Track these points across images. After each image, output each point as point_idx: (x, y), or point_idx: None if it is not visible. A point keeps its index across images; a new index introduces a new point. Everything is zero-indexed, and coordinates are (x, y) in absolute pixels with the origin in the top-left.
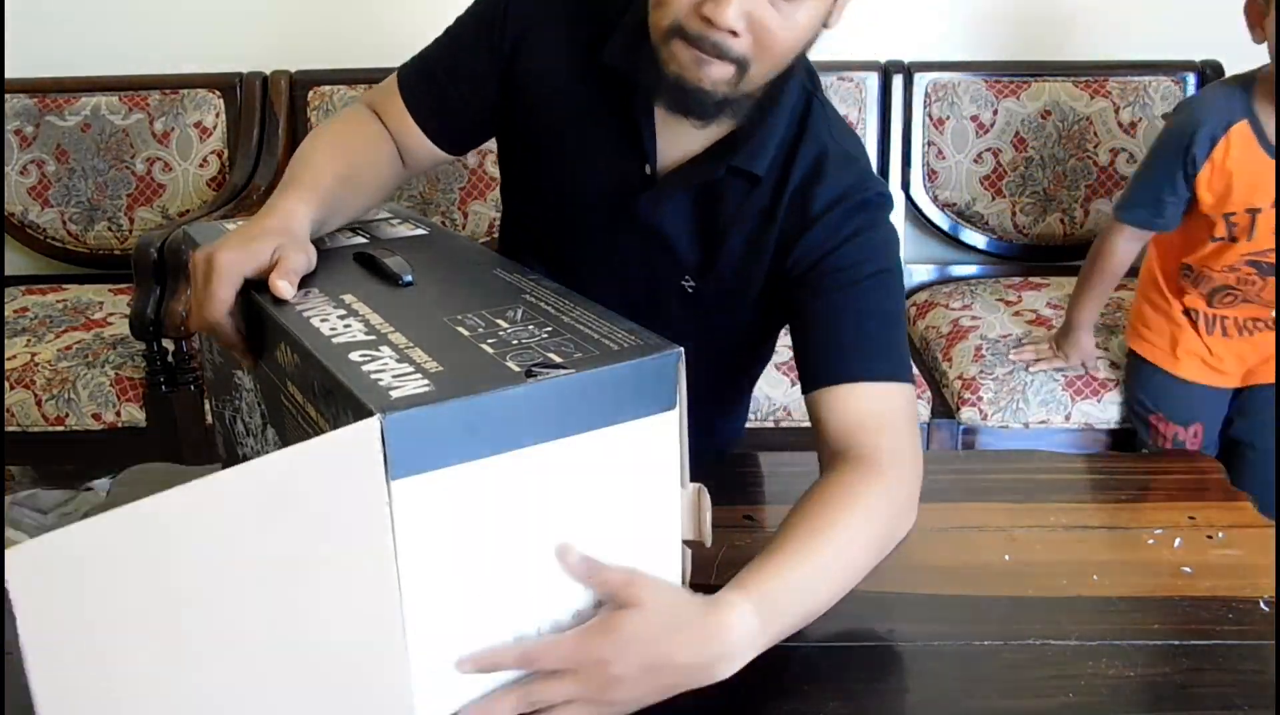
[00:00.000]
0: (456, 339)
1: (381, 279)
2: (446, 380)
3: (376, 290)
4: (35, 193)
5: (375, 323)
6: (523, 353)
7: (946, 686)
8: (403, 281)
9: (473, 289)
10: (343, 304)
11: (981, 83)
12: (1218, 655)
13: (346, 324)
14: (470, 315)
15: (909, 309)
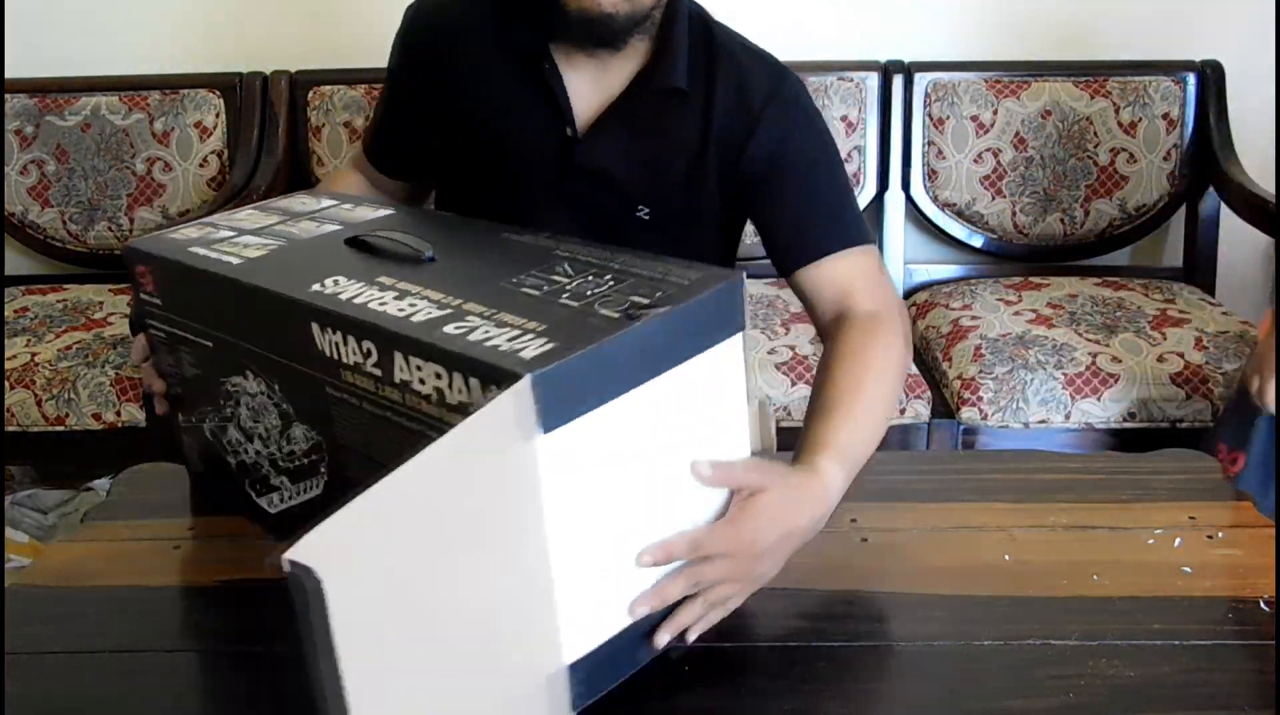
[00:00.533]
0: (533, 300)
1: (399, 260)
2: (560, 335)
3: (408, 270)
4: (35, 193)
5: (439, 297)
6: (606, 301)
7: (946, 686)
8: (426, 257)
9: (503, 255)
10: (384, 286)
11: (981, 83)
12: (1218, 655)
13: (411, 303)
14: (525, 276)
15: (909, 309)
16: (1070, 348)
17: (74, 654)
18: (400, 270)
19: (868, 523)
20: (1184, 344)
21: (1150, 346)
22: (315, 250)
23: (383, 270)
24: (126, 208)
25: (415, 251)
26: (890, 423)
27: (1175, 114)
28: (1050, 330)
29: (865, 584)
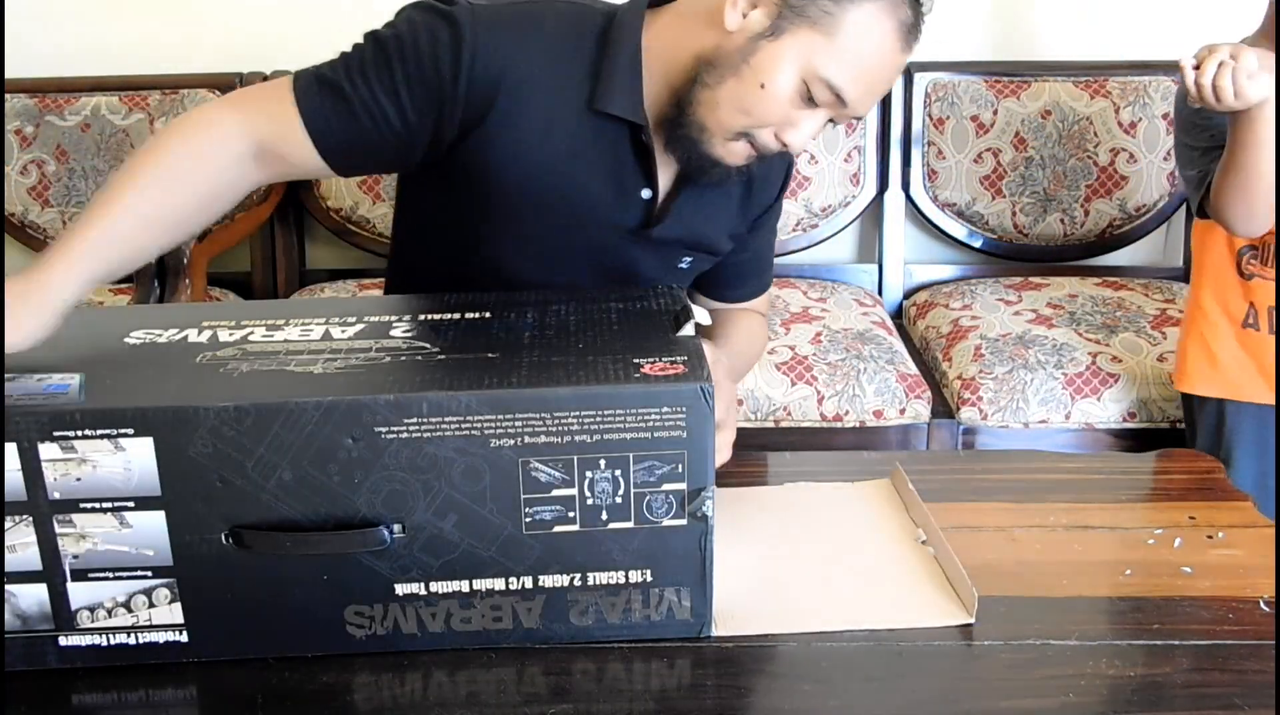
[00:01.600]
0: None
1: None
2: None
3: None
4: (35, 193)
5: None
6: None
7: (946, 686)
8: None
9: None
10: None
11: (981, 83)
12: (1218, 655)
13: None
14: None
15: (909, 309)
16: (1070, 348)
17: None
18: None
19: None
20: None
21: (1150, 346)
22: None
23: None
24: None
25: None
26: (888, 423)
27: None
28: (1050, 330)
29: None
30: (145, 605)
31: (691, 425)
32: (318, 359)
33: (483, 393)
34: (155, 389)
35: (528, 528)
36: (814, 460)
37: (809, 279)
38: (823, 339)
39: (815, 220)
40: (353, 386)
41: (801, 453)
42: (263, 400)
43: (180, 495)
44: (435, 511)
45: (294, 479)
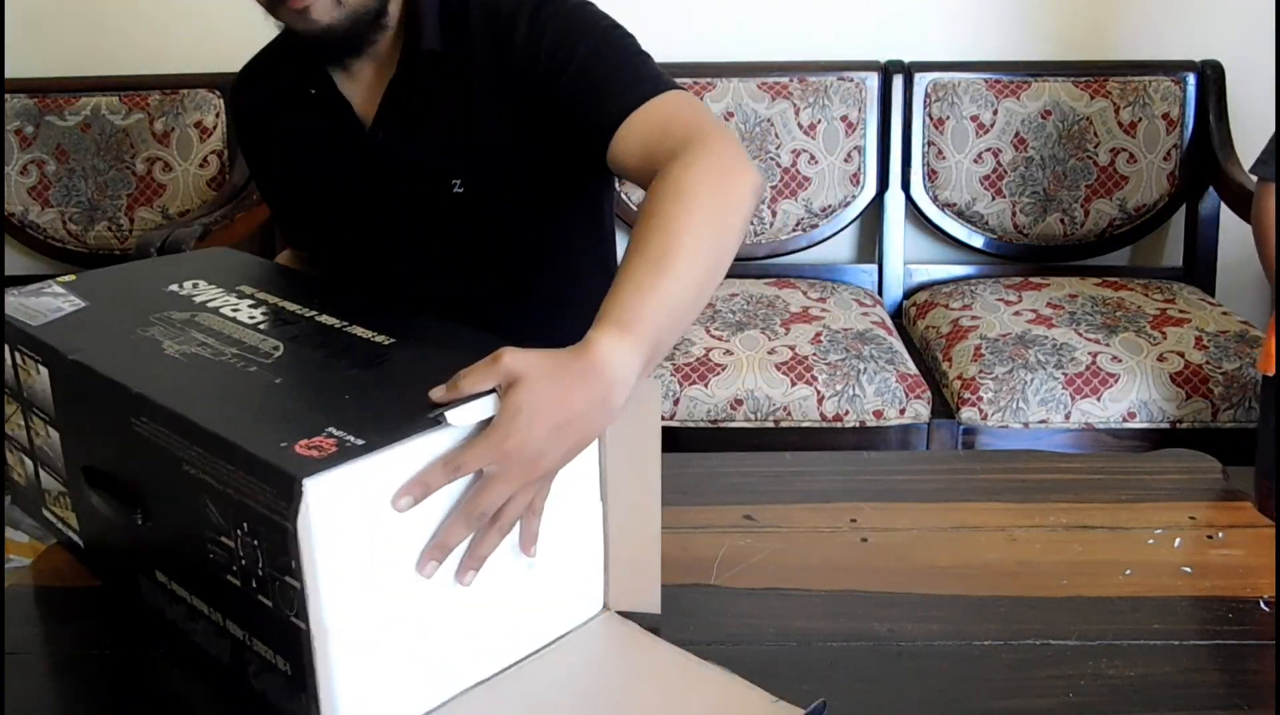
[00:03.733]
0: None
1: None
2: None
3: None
4: (35, 193)
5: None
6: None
7: (946, 686)
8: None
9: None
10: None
11: (981, 83)
12: (1218, 655)
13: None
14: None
15: (909, 309)
16: (1070, 348)
17: (74, 654)
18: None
19: (868, 523)
20: (1184, 344)
21: (1150, 346)
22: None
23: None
24: (126, 208)
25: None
26: (888, 423)
27: (1175, 114)
28: (1050, 330)
29: (865, 584)
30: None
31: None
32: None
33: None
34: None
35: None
36: (814, 460)
37: (809, 279)
38: (823, 339)
39: (815, 220)
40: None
41: (801, 453)
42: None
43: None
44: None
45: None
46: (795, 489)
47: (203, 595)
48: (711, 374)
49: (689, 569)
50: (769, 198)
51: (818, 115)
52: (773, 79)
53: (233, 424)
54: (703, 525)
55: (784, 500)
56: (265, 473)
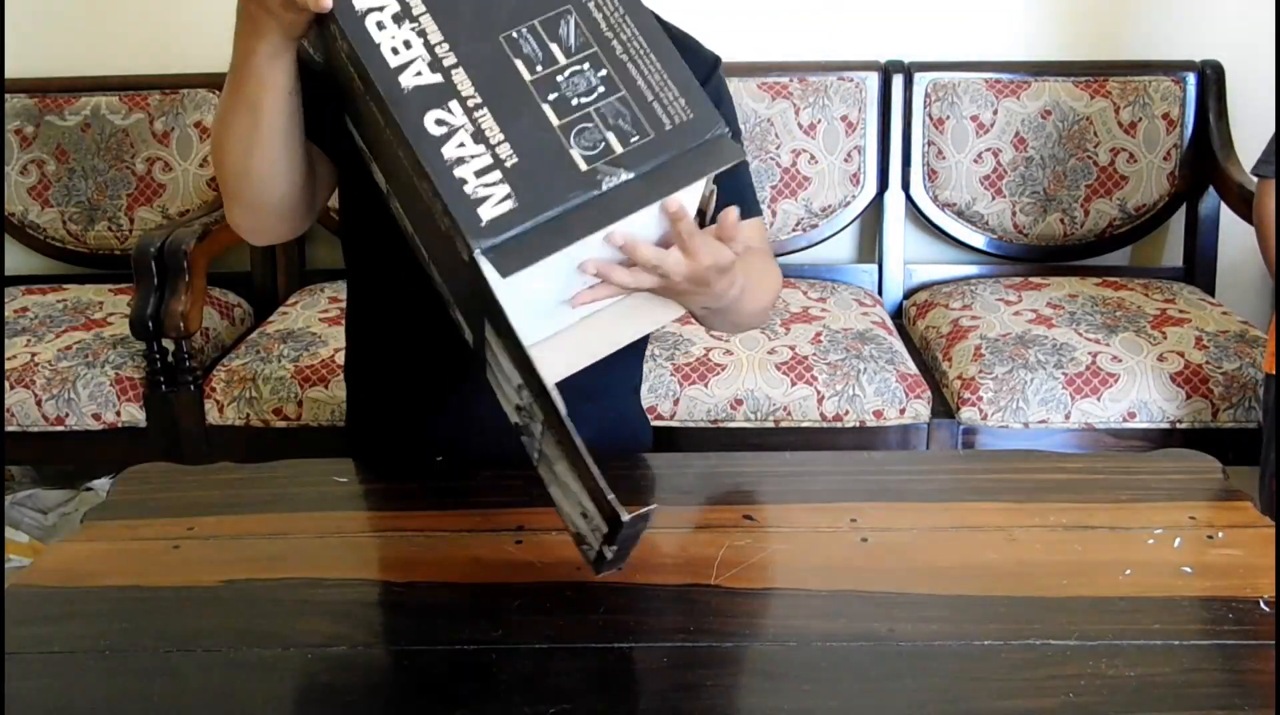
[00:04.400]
0: (520, 92)
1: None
2: (525, 188)
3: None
4: (35, 193)
5: (435, 44)
6: (584, 129)
7: (946, 686)
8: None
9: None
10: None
11: (981, 83)
12: (1218, 655)
13: (408, 44)
14: (525, 34)
15: (909, 309)
16: (1070, 348)
17: (74, 654)
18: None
19: (868, 523)
20: (1184, 344)
21: (1150, 346)
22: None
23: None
24: (126, 208)
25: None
26: (888, 423)
27: (1175, 114)
28: (1050, 330)
29: (865, 584)
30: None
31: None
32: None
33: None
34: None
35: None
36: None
37: (809, 279)
38: (823, 339)
39: (815, 220)
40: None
41: (801, 453)
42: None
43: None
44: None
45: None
46: (795, 489)
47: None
48: (711, 374)
49: (689, 569)
50: (769, 198)
51: (818, 115)
52: (773, 79)
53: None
54: (703, 525)
55: (784, 500)
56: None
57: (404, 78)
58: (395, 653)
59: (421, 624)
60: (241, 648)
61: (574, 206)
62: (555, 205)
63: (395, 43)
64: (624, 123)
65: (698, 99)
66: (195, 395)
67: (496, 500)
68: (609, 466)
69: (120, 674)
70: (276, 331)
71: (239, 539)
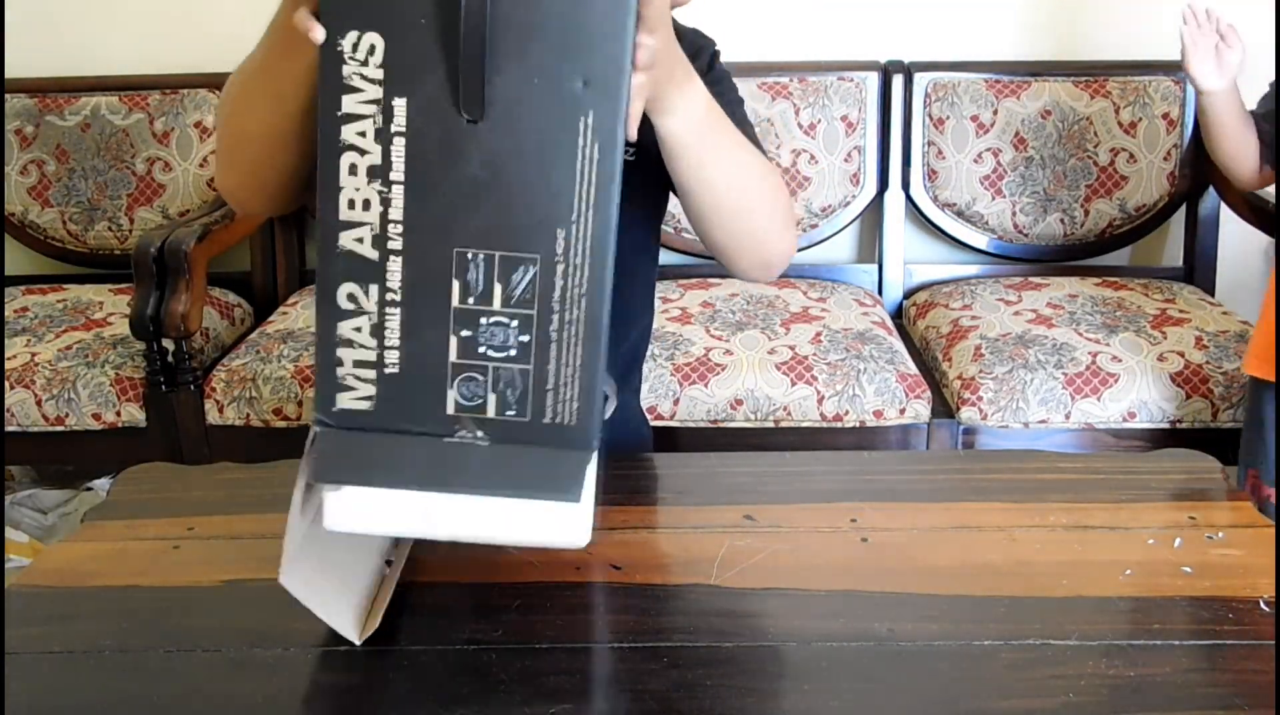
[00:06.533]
0: (439, 312)
1: (454, 87)
2: (387, 398)
3: (437, 116)
4: (35, 193)
5: (391, 220)
6: (472, 378)
7: (946, 686)
8: (469, 118)
9: (521, 184)
10: (387, 130)
11: (981, 83)
12: (1218, 655)
13: (366, 205)
14: (479, 259)
15: (909, 309)
16: (1070, 348)
17: (74, 654)
18: (430, 109)
19: (868, 523)
20: (1184, 344)
21: (1150, 346)
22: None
23: (420, 93)
24: (126, 208)
25: (474, 98)
26: (888, 423)
27: (1175, 114)
28: (1050, 330)
29: (865, 584)
30: None
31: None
32: None
33: None
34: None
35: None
36: (814, 460)
37: (809, 279)
38: (823, 339)
39: (815, 220)
40: None
41: (801, 453)
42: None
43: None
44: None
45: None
46: (795, 489)
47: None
48: (711, 374)
49: (689, 569)
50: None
51: (818, 115)
52: (773, 79)
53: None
54: (703, 525)
55: (784, 500)
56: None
57: (344, 236)
58: (395, 653)
59: (421, 624)
60: (241, 648)
61: (418, 438)
62: (402, 427)
63: (356, 195)
64: (511, 393)
65: (588, 412)
66: (195, 395)
67: None
68: (609, 466)
69: (120, 674)
70: (276, 331)
71: (239, 539)
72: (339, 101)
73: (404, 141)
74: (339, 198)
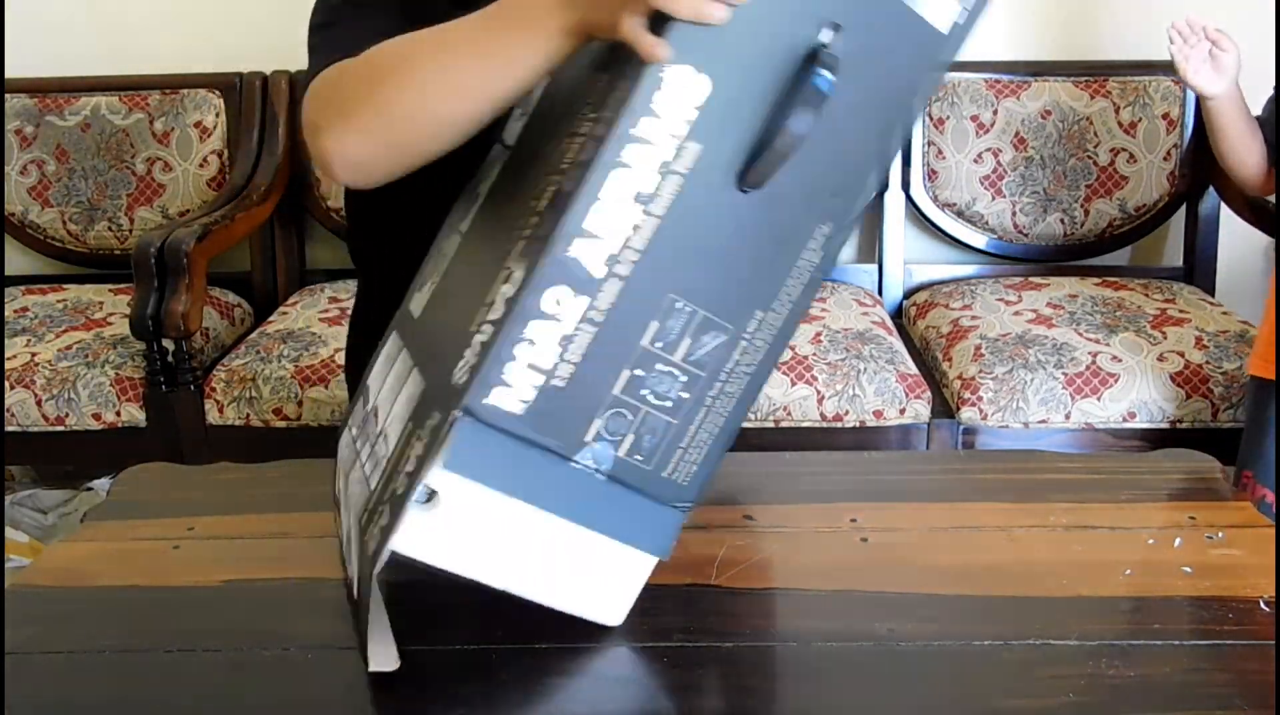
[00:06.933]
0: (625, 346)
1: (745, 159)
2: (542, 410)
3: (719, 174)
4: (35, 193)
5: (631, 245)
6: (621, 415)
7: (946, 686)
8: (742, 188)
9: (752, 262)
10: (670, 167)
11: (981, 83)
12: (1218, 655)
13: (617, 220)
14: (682, 308)
15: (909, 309)
16: (1070, 348)
17: (74, 654)
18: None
19: (868, 523)
20: (1184, 344)
21: (1150, 346)
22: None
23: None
24: (126, 208)
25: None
26: (888, 423)
27: (1175, 114)
28: (1050, 330)
29: (865, 584)
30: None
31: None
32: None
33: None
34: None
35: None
36: (814, 460)
37: None
38: (823, 339)
39: None
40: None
41: (801, 453)
42: None
43: None
44: None
45: None
46: (795, 489)
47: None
48: None
49: (689, 569)
50: None
51: None
52: None
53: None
54: (703, 525)
55: (784, 500)
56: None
57: (578, 243)
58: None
59: (421, 624)
60: (241, 648)
61: (543, 453)
62: (537, 439)
63: (609, 212)
64: (648, 439)
65: (701, 477)
66: (195, 395)
67: None
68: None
69: (120, 674)
70: (276, 331)
71: (239, 539)
72: (636, 122)
73: (680, 181)
74: (590, 207)
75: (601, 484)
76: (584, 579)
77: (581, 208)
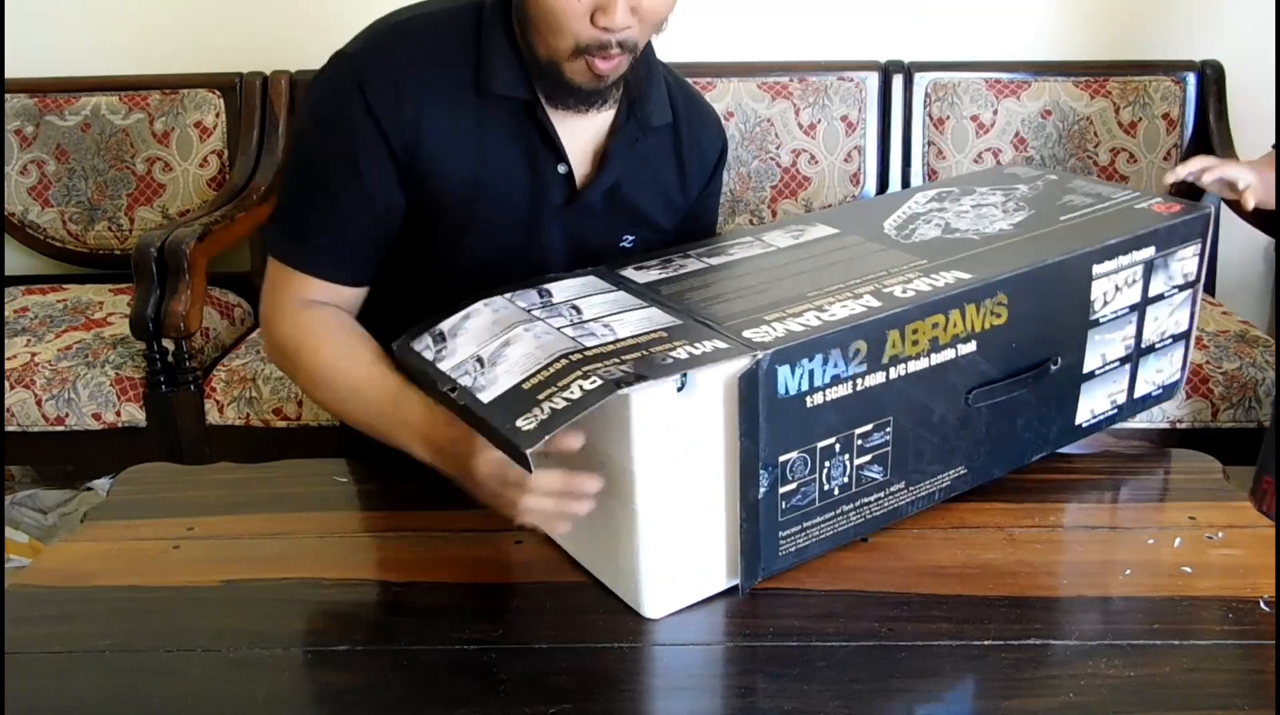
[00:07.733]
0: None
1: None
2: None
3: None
4: (35, 193)
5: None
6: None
7: (946, 686)
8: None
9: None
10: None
11: (981, 83)
12: (1218, 655)
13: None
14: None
15: None
16: None
17: (74, 654)
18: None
19: None
20: None
21: None
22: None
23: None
24: (126, 208)
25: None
26: None
27: (1175, 114)
28: None
29: (865, 584)
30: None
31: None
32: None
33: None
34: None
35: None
36: None
37: None
38: None
39: None
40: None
41: None
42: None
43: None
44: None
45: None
46: None
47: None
48: None
49: None
50: (769, 197)
51: (818, 115)
52: (773, 79)
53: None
54: None
55: None
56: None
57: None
58: (395, 653)
59: (421, 624)
60: (241, 648)
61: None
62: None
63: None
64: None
65: (790, 561)
66: (195, 395)
67: None
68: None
69: (120, 674)
70: None
71: (239, 539)
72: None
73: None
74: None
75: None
76: (680, 557)
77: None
